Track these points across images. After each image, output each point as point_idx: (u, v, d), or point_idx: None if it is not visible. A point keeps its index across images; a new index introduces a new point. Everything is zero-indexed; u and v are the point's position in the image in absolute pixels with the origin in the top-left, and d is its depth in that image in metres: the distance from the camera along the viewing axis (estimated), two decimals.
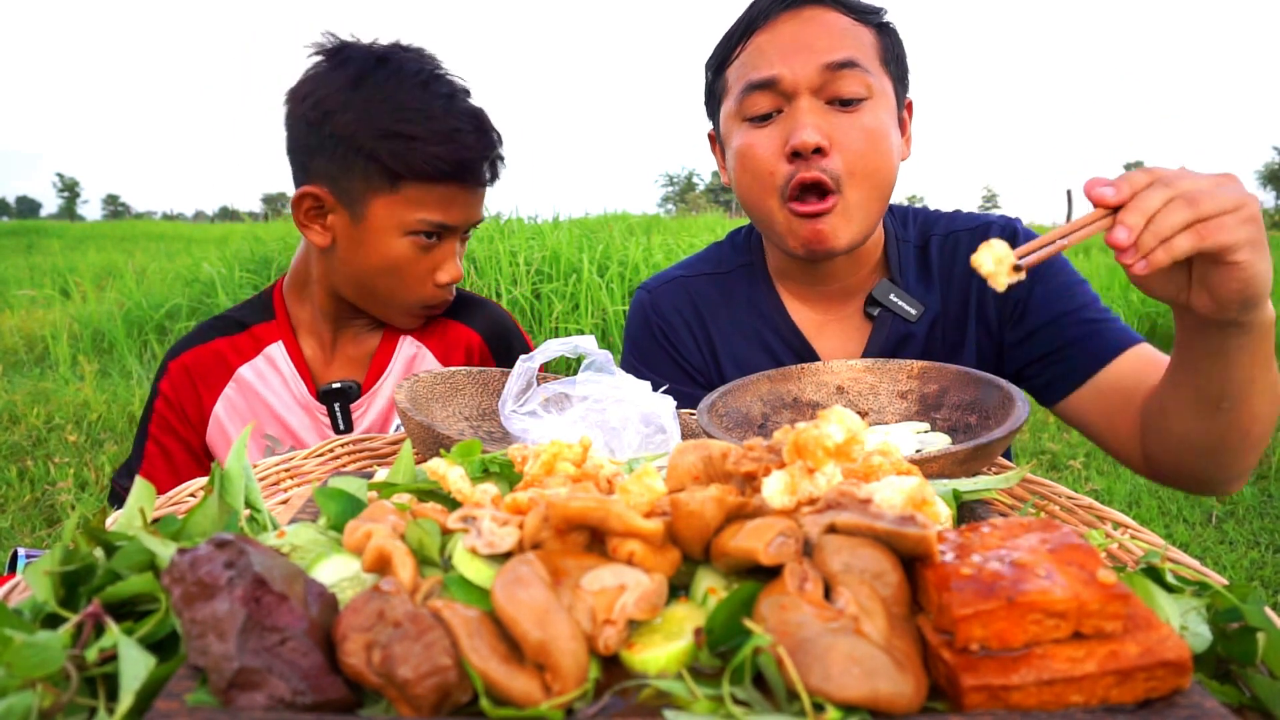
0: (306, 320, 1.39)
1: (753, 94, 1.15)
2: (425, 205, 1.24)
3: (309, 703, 0.40)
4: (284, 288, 1.42)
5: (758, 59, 1.15)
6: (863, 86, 1.12)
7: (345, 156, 1.22)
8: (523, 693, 0.42)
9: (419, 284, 1.29)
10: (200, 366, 1.35)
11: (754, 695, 0.42)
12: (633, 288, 6.13)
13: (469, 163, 1.24)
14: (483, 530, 0.52)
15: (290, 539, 0.56)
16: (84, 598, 0.50)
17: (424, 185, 1.23)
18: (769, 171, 1.14)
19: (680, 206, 77.54)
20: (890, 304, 1.23)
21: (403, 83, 1.22)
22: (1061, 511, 0.83)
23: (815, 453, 0.54)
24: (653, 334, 1.35)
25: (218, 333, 1.38)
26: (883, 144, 1.14)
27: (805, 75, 1.12)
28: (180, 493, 0.83)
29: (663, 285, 1.39)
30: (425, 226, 1.24)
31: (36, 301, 7.85)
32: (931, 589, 0.45)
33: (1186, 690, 0.43)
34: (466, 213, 1.28)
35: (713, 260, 1.41)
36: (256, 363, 1.36)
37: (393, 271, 1.27)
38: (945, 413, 0.99)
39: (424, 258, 1.27)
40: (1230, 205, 0.77)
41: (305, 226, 1.28)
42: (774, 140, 1.14)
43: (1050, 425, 4.60)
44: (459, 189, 1.25)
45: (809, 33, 1.13)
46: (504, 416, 0.95)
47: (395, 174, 1.21)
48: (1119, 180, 0.78)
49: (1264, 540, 3.16)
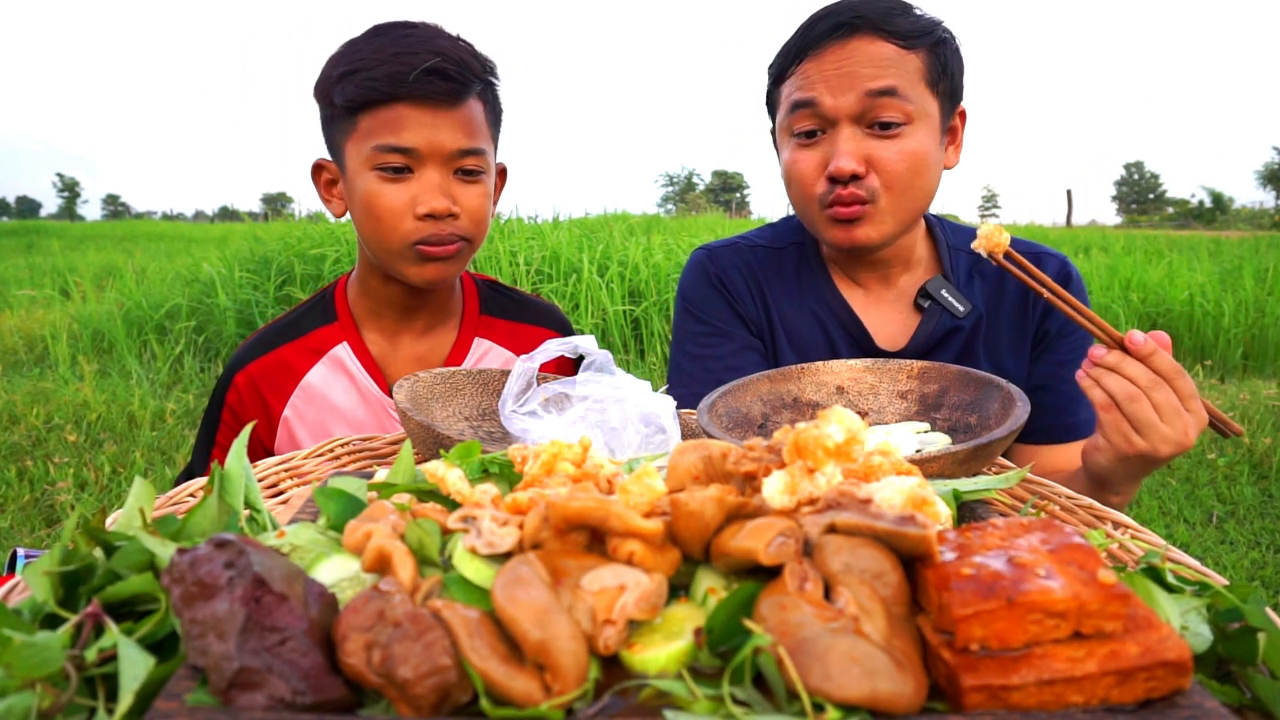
0: (369, 312, 1.39)
1: (798, 112, 1.23)
2: (376, 131, 1.21)
3: (309, 703, 0.40)
4: (347, 283, 1.43)
5: (804, 84, 1.23)
6: (901, 114, 1.19)
7: (326, 117, 1.27)
8: (523, 693, 0.41)
9: (398, 220, 1.23)
10: (266, 377, 1.35)
11: (754, 695, 0.42)
12: (633, 288, 6.13)
13: (406, 76, 1.18)
14: (483, 530, 0.52)
15: (290, 539, 0.56)
16: (83, 598, 0.50)
17: (373, 112, 1.21)
18: (811, 185, 1.24)
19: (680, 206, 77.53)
20: (941, 298, 1.32)
21: (365, 35, 1.25)
22: (1061, 511, 0.83)
23: (815, 453, 0.54)
24: (711, 284, 1.41)
25: (283, 339, 1.38)
26: (919, 165, 1.21)
27: (846, 104, 1.19)
28: (180, 493, 0.83)
29: (722, 248, 1.45)
30: (384, 156, 1.21)
31: (36, 301, 7.85)
32: (931, 589, 0.45)
33: (1187, 690, 0.43)
34: (428, 135, 1.21)
35: (768, 235, 1.47)
36: (321, 367, 1.37)
37: (370, 212, 1.24)
38: (945, 413, 0.99)
39: (398, 192, 1.23)
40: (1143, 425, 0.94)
41: (326, 201, 1.34)
42: (815, 159, 1.23)
43: None
44: (409, 108, 1.20)
45: (853, 63, 1.19)
46: (504, 417, 0.95)
47: (350, 111, 1.22)
48: (1150, 344, 0.94)
49: (1265, 540, 3.16)
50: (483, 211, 1.29)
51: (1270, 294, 6.82)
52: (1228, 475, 3.79)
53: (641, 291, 6.13)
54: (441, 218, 1.23)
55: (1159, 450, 0.95)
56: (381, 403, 1.36)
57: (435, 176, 1.23)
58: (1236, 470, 3.83)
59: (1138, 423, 0.94)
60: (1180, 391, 0.94)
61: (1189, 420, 0.94)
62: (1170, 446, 0.94)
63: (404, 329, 1.40)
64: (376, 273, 1.34)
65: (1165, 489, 3.64)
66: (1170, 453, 0.95)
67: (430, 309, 1.40)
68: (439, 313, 1.42)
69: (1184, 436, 0.94)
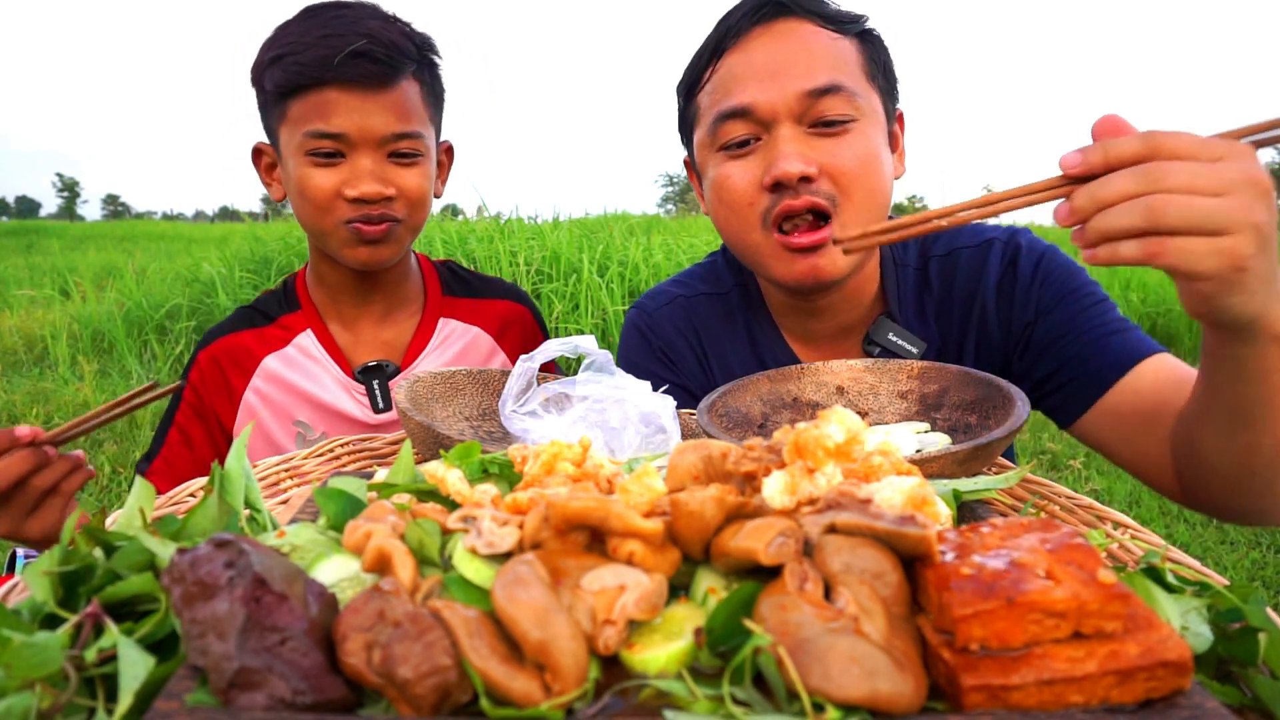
0: (326, 301, 1.40)
1: (726, 122, 1.05)
2: (306, 117, 1.20)
3: (309, 703, 0.40)
4: (305, 274, 1.44)
5: (730, 84, 1.05)
6: (850, 108, 1.03)
7: (260, 102, 1.27)
8: (523, 693, 0.41)
9: (330, 204, 1.22)
10: (228, 357, 1.36)
11: (754, 695, 0.42)
12: (633, 287, 6.12)
13: (333, 59, 1.16)
14: (483, 530, 0.52)
15: (290, 539, 0.56)
16: (83, 598, 0.50)
17: (302, 97, 1.19)
18: (748, 203, 1.06)
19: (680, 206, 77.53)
20: (889, 344, 1.16)
21: (297, 17, 1.24)
22: (1061, 511, 0.83)
23: (815, 453, 0.54)
24: (652, 354, 1.28)
25: (246, 324, 1.39)
26: (875, 165, 1.05)
27: (784, 102, 1.02)
28: (180, 493, 0.83)
29: (662, 307, 1.30)
30: (314, 141, 1.19)
31: (36, 301, 7.84)
32: (931, 589, 0.45)
33: (1187, 690, 0.43)
34: (357, 119, 1.19)
35: (711, 278, 1.32)
36: (287, 352, 1.37)
37: (303, 196, 1.23)
38: (945, 413, 0.99)
39: (328, 176, 1.21)
40: (1209, 225, 0.62)
41: (267, 185, 1.35)
42: (752, 170, 1.05)
43: (1050, 425, 4.60)
44: (338, 92, 1.18)
45: (784, 52, 1.03)
46: (504, 417, 0.95)
47: (281, 96, 1.21)
48: (1097, 148, 0.64)
49: (1265, 540, 3.16)
50: (420, 193, 1.27)
51: None
52: None
53: (641, 291, 6.13)
54: (374, 201, 1.22)
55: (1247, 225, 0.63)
56: (348, 386, 1.36)
57: (366, 161, 1.21)
58: None
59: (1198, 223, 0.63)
60: (1189, 151, 0.64)
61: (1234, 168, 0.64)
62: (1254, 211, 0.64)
63: (362, 315, 1.40)
64: (325, 259, 1.35)
65: None
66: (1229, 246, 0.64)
67: (384, 293, 1.40)
68: (394, 296, 1.41)
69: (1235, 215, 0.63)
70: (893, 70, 1.13)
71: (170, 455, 1.33)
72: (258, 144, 1.34)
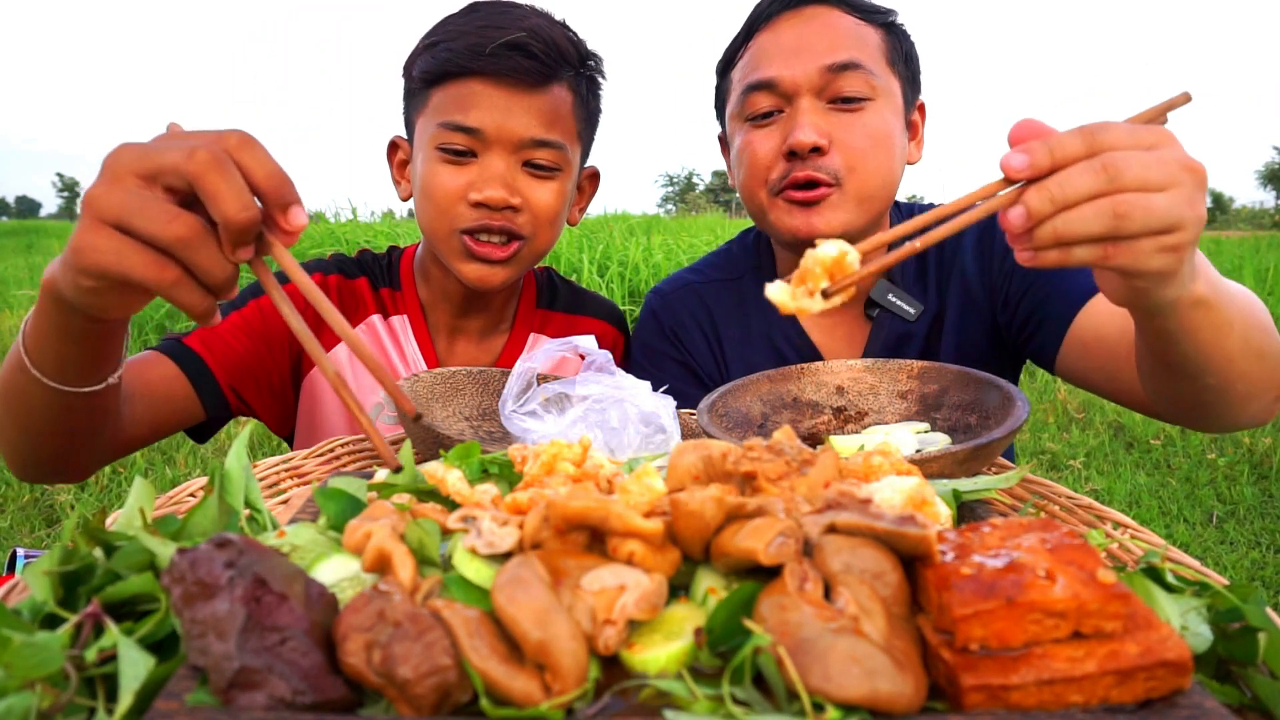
0: (428, 300, 1.31)
1: (752, 94, 1.15)
2: (445, 107, 1.12)
3: (309, 703, 0.40)
4: (414, 256, 1.33)
5: (759, 59, 1.15)
6: (866, 86, 1.12)
7: (406, 92, 1.20)
8: (523, 693, 0.41)
9: (451, 205, 1.12)
10: (346, 293, 1.27)
11: (754, 695, 0.42)
12: (633, 288, 6.13)
13: (484, 49, 1.08)
14: (483, 530, 0.52)
15: (290, 539, 0.56)
16: (83, 598, 0.50)
17: (446, 86, 1.12)
18: (765, 167, 1.15)
19: (680, 206, 77.57)
20: (889, 304, 1.22)
21: (462, 10, 1.17)
22: (1061, 511, 0.83)
23: (814, 270, 0.60)
24: (665, 336, 1.34)
25: (364, 272, 1.29)
26: (885, 144, 1.13)
27: (805, 76, 1.12)
28: (180, 493, 0.83)
29: (676, 290, 1.38)
30: (447, 134, 1.11)
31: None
32: (931, 589, 0.45)
33: (1187, 690, 0.43)
34: (497, 116, 1.10)
35: (724, 265, 1.40)
36: (391, 321, 1.28)
37: (425, 193, 1.14)
38: (945, 413, 0.99)
39: (455, 175, 1.12)
40: (1162, 224, 0.62)
41: (396, 183, 1.27)
42: (773, 139, 1.15)
43: (1050, 425, 4.60)
44: (483, 84, 1.10)
45: (810, 32, 1.13)
46: (504, 417, 0.95)
47: (426, 83, 1.14)
48: (1040, 146, 0.61)
49: (1265, 540, 3.16)
50: (551, 213, 1.16)
51: (1271, 294, 6.82)
52: (1228, 475, 3.78)
53: (641, 291, 6.13)
54: (498, 209, 1.12)
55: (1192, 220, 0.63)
56: None
57: (499, 164, 1.12)
58: (1236, 470, 3.83)
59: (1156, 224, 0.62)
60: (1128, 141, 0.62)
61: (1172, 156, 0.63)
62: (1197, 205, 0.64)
63: (461, 327, 1.31)
64: (438, 261, 1.25)
65: (1165, 489, 3.64)
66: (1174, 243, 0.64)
67: (488, 313, 1.30)
68: (496, 318, 1.33)
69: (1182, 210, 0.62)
70: (916, 61, 1.22)
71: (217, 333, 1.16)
72: (394, 138, 1.26)
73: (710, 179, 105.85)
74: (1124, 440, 4.33)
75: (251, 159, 0.61)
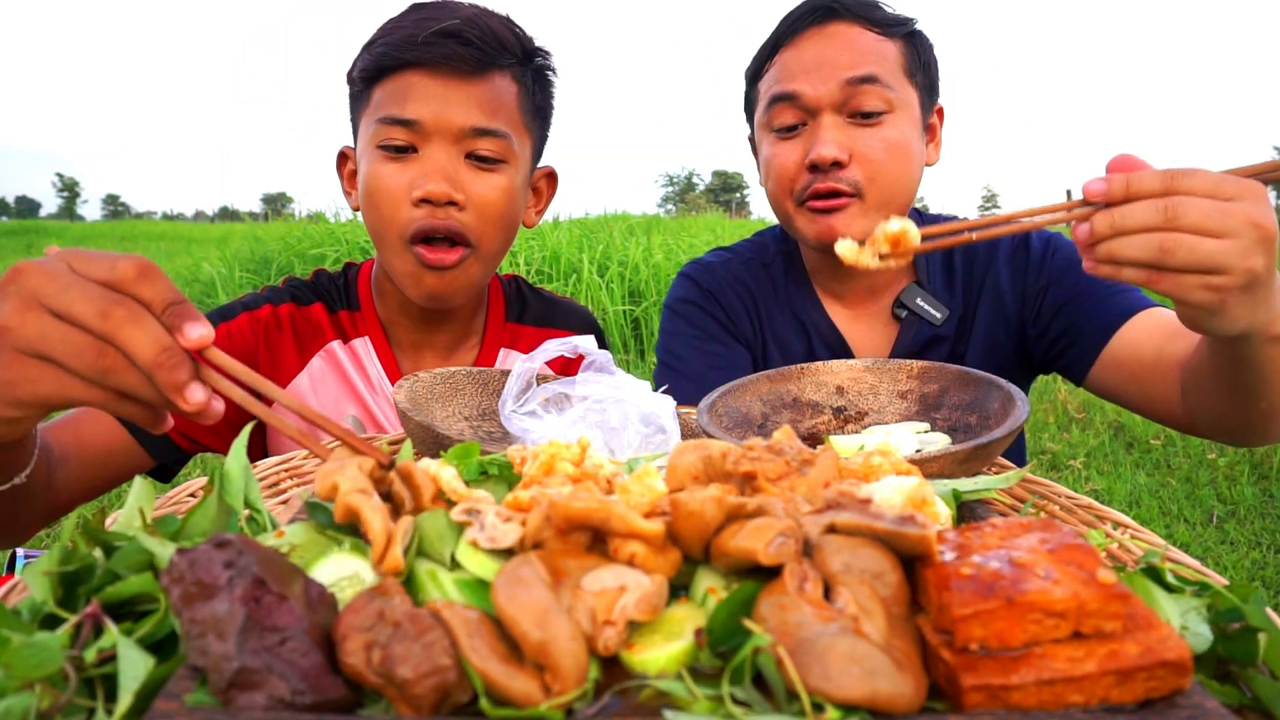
0: (387, 317, 1.27)
1: (777, 106, 1.22)
2: (384, 103, 1.09)
3: (309, 703, 0.40)
4: (370, 273, 1.30)
5: (783, 74, 1.22)
6: (882, 101, 1.18)
7: (350, 97, 1.19)
8: (522, 693, 0.41)
9: (395, 207, 1.08)
10: (301, 322, 1.24)
11: (754, 695, 0.42)
12: (633, 288, 6.13)
13: (418, 38, 1.05)
14: (486, 524, 0.52)
15: (290, 539, 0.56)
16: (83, 598, 0.49)
17: (385, 83, 1.09)
18: (790, 178, 1.23)
19: (680, 206, 77.62)
20: (916, 308, 1.30)
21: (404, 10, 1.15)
22: (1061, 511, 0.83)
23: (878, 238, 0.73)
24: (705, 295, 1.38)
25: (319, 297, 1.26)
26: (902, 154, 1.19)
27: (827, 92, 1.18)
28: (180, 493, 0.83)
29: (715, 263, 1.44)
30: (387, 130, 1.07)
31: None
32: (931, 589, 0.45)
33: (1187, 690, 0.43)
34: (435, 106, 1.06)
35: (757, 249, 1.47)
36: (352, 345, 1.26)
37: (371, 196, 1.10)
38: (945, 413, 0.99)
39: (397, 172, 1.08)
40: (1205, 265, 0.70)
41: (346, 194, 1.25)
42: (796, 152, 1.22)
43: (1050, 425, 4.60)
44: (419, 75, 1.07)
45: (832, 49, 1.19)
46: (504, 417, 0.95)
47: (366, 82, 1.12)
48: (1120, 179, 0.72)
49: (1265, 540, 3.16)
50: (495, 208, 1.10)
51: None
52: (1228, 475, 3.78)
53: (641, 291, 6.13)
54: (440, 204, 1.07)
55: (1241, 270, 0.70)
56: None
57: (440, 155, 1.07)
58: (1236, 470, 3.83)
59: (1199, 264, 0.70)
60: (1205, 189, 0.70)
61: (1242, 210, 0.69)
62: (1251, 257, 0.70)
63: (426, 342, 1.27)
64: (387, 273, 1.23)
65: (1165, 489, 3.64)
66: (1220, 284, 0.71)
67: (453, 326, 1.27)
68: (462, 330, 1.29)
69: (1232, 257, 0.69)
70: (935, 67, 1.27)
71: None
72: (343, 148, 1.23)
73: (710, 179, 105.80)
74: (1124, 440, 4.33)
75: (151, 291, 0.59)
